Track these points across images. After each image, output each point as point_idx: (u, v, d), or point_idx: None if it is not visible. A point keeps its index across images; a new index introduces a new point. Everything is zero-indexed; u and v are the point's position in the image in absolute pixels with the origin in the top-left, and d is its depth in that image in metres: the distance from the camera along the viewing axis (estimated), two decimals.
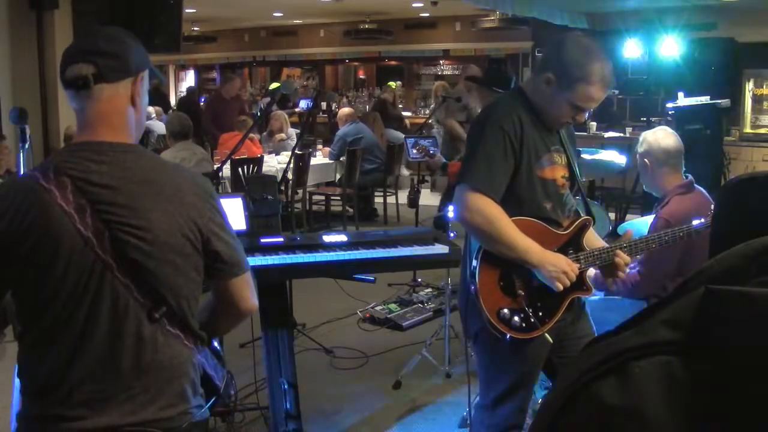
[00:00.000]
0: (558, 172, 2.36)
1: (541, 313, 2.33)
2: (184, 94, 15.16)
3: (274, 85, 13.77)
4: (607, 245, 2.46)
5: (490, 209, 2.23)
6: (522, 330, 2.30)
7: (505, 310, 2.30)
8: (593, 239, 2.51)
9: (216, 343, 1.91)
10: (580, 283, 2.36)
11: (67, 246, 1.57)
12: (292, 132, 8.99)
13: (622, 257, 2.41)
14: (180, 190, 1.68)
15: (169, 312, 1.66)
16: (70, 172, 1.60)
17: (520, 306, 2.30)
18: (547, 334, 2.35)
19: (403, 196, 8.01)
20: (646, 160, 3.27)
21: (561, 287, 2.28)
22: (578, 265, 2.34)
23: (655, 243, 2.53)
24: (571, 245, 2.38)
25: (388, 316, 5.17)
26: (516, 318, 2.30)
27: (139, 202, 1.61)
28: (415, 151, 4.78)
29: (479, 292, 2.29)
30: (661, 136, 3.35)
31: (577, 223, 2.41)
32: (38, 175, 1.60)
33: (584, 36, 2.37)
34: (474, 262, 2.31)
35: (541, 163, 2.32)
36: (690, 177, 3.32)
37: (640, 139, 3.37)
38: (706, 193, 3.29)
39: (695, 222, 2.54)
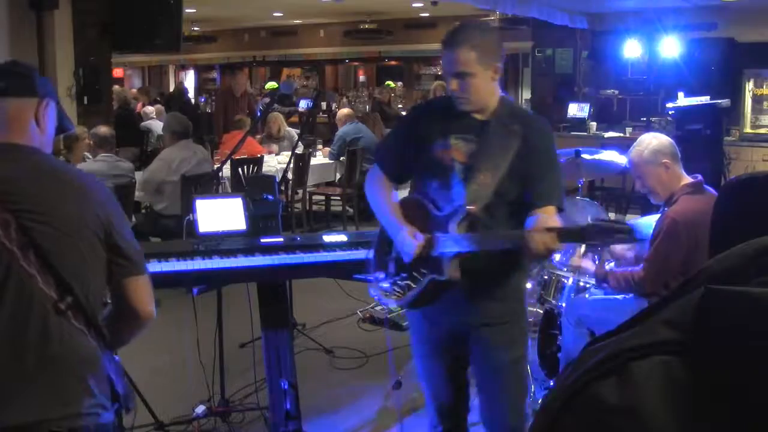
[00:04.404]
0: (451, 155, 2.44)
1: (401, 284, 2.47)
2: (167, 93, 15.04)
3: (271, 85, 13.77)
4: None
5: (373, 179, 2.65)
6: (387, 295, 2.51)
7: (381, 275, 2.54)
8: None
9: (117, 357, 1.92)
10: (438, 267, 2.35)
11: None
12: (292, 132, 9.00)
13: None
14: (85, 187, 1.78)
15: (75, 304, 1.68)
16: None
17: (389, 274, 2.52)
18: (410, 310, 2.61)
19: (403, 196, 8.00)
20: (664, 161, 3.22)
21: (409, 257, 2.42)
22: (422, 243, 2.37)
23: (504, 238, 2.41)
24: (442, 227, 2.40)
25: (388, 316, 5.17)
26: (386, 284, 2.52)
27: (45, 192, 1.69)
28: None
29: (373, 256, 2.59)
30: (658, 136, 3.36)
31: (455, 208, 2.42)
32: None
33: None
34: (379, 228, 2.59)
35: (436, 146, 2.45)
36: (700, 177, 3.28)
37: (641, 148, 3.29)
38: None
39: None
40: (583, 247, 3.81)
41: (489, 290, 2.46)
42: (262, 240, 3.11)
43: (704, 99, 7.50)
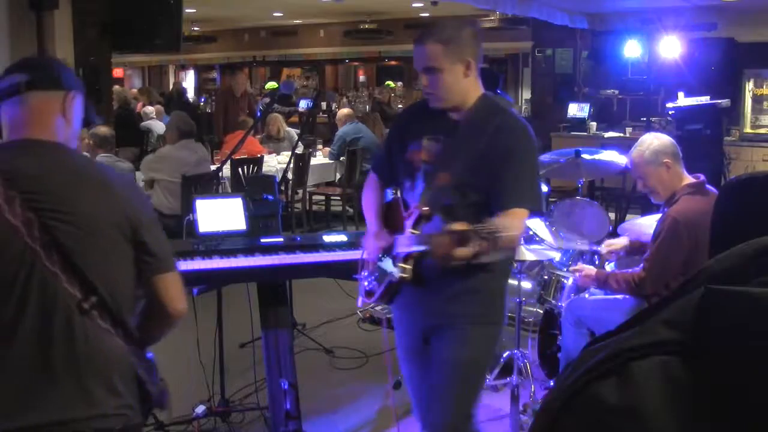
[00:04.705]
0: (420, 156, 2.45)
1: (375, 283, 2.53)
2: (167, 92, 14.97)
3: (271, 85, 13.76)
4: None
5: (367, 181, 2.71)
6: (366, 294, 2.58)
7: (365, 273, 2.59)
8: None
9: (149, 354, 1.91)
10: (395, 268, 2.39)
11: None
12: (292, 132, 9.00)
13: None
14: (109, 183, 1.74)
15: (100, 304, 1.66)
16: (0, 167, 1.64)
17: (369, 272, 2.56)
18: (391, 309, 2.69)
19: None
20: (665, 160, 3.22)
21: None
22: (381, 244, 2.45)
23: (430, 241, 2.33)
24: (403, 228, 2.43)
25: (388, 316, 5.16)
26: (365, 283, 2.56)
27: (68, 190, 1.66)
28: None
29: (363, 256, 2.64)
30: (659, 136, 3.36)
31: (412, 209, 2.45)
32: None
33: None
34: None
35: (410, 147, 2.48)
36: (702, 177, 3.28)
37: (642, 148, 3.28)
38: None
39: None
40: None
41: (447, 291, 2.41)
42: (262, 240, 3.11)
43: (704, 99, 7.50)
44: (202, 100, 15.51)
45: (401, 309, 2.60)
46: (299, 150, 7.87)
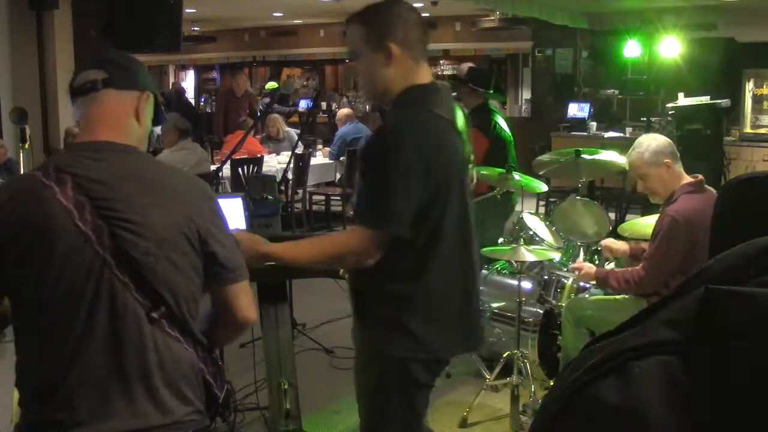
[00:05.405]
0: None
1: None
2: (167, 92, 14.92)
3: (271, 85, 13.76)
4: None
5: None
6: None
7: None
8: None
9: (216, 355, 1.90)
10: None
11: (65, 243, 1.56)
12: (292, 132, 9.00)
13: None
14: (179, 190, 1.70)
15: (168, 313, 1.64)
16: (70, 170, 1.60)
17: None
18: None
19: None
20: (665, 161, 3.23)
21: None
22: None
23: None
24: None
25: None
26: None
27: (137, 198, 1.62)
28: None
29: None
30: (656, 137, 3.39)
31: None
32: (38, 173, 1.62)
33: None
34: None
35: None
36: (700, 176, 3.30)
37: (641, 150, 3.29)
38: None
39: None
40: (582, 254, 3.83)
41: (355, 305, 2.38)
42: None
43: (704, 99, 7.51)
44: (202, 100, 15.51)
45: None
46: (299, 150, 7.87)
